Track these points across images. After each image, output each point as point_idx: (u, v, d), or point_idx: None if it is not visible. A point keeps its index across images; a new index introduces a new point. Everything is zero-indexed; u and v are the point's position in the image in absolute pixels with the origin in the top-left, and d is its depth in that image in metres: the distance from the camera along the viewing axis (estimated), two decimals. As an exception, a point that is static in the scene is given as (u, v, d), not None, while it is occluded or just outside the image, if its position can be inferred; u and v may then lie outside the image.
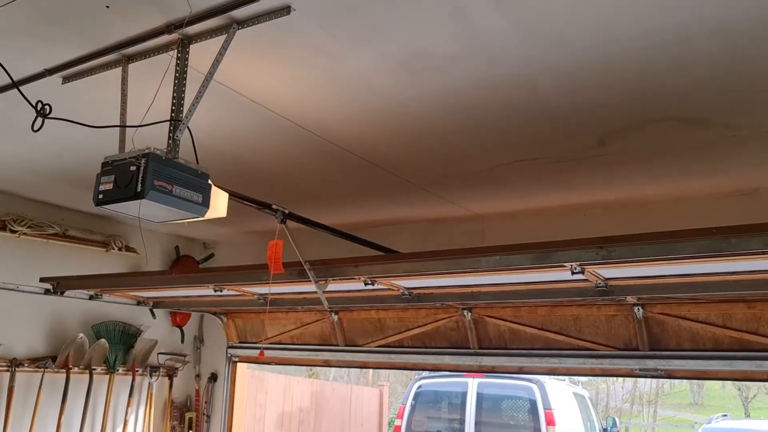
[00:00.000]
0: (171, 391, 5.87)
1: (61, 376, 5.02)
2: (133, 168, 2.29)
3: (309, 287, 3.80)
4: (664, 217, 4.22)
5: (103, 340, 5.20)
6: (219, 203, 2.68)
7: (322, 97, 2.96)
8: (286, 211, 3.21)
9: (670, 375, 4.06)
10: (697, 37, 2.31)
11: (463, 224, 4.97)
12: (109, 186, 2.33)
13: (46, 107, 2.58)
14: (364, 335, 5.26)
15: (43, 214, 5.04)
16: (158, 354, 5.78)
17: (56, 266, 5.11)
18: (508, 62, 2.54)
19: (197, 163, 2.52)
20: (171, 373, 5.89)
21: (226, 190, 2.73)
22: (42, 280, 4.87)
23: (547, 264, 3.00)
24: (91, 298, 5.25)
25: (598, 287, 3.44)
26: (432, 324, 4.89)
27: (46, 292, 5.01)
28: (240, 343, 6.04)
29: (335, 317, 5.31)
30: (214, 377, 6.11)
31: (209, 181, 2.53)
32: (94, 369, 5.21)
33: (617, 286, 3.48)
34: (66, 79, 2.84)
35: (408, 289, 4.01)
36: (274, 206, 3.23)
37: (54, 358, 5.01)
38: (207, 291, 4.61)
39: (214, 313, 5.93)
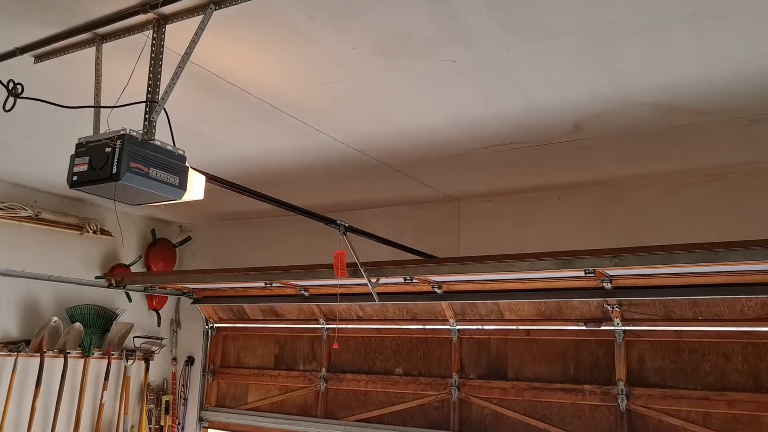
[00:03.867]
0: (147, 375, 5.85)
1: (35, 360, 4.97)
2: (108, 149, 2.26)
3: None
4: (637, 200, 4.30)
5: (78, 323, 5.16)
6: (196, 186, 2.67)
7: (299, 80, 2.95)
8: (347, 225, 3.80)
9: None
10: (669, 23, 2.35)
11: (440, 207, 5.01)
12: (84, 167, 2.30)
13: (18, 86, 2.53)
14: (346, 408, 5.24)
15: (15, 197, 4.96)
16: (134, 337, 5.75)
17: (30, 250, 5.05)
18: (485, 46, 2.56)
19: (174, 145, 2.50)
20: (147, 357, 5.87)
21: (203, 173, 2.72)
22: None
23: (569, 268, 3.63)
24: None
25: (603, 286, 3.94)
26: (417, 401, 4.91)
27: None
28: (217, 406, 5.94)
29: (323, 386, 5.34)
30: (191, 360, 6.10)
31: (186, 164, 2.52)
32: (69, 352, 5.17)
33: (619, 286, 3.97)
34: (38, 59, 2.79)
35: (439, 282, 4.49)
36: (338, 221, 3.78)
37: (28, 342, 4.96)
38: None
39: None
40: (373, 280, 4.11)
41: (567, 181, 4.41)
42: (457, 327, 4.78)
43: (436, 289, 4.60)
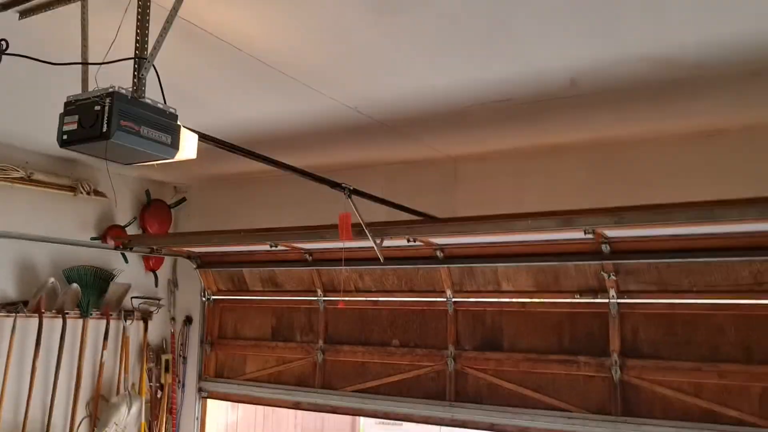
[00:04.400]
0: (146, 334, 5.91)
1: (34, 321, 5.01)
2: (97, 108, 2.22)
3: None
4: (633, 158, 4.29)
5: (75, 284, 5.18)
6: (189, 145, 2.64)
7: (292, 37, 2.89)
8: (351, 187, 3.85)
9: None
10: (669, -25, 2.30)
11: (435, 166, 4.98)
12: (73, 126, 2.26)
13: (3, 43, 2.48)
14: (343, 379, 5.28)
15: (7, 158, 4.91)
16: (132, 298, 5.79)
17: (23, 211, 5.02)
18: (481, 1, 2.51)
19: (164, 103, 2.47)
20: (145, 317, 5.91)
21: (195, 132, 2.68)
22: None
23: (570, 227, 3.68)
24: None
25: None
26: (413, 372, 4.95)
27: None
28: (216, 377, 5.98)
29: (321, 357, 5.37)
30: (189, 320, 6.15)
31: (178, 122, 2.48)
32: (68, 313, 5.21)
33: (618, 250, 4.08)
34: (23, 14, 2.72)
35: (442, 246, 4.61)
36: (343, 184, 3.83)
37: (26, 303, 4.98)
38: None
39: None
40: (378, 240, 4.18)
41: (563, 140, 4.38)
42: (454, 299, 4.81)
43: (438, 252, 4.64)
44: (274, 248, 5.06)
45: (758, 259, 3.81)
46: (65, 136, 2.29)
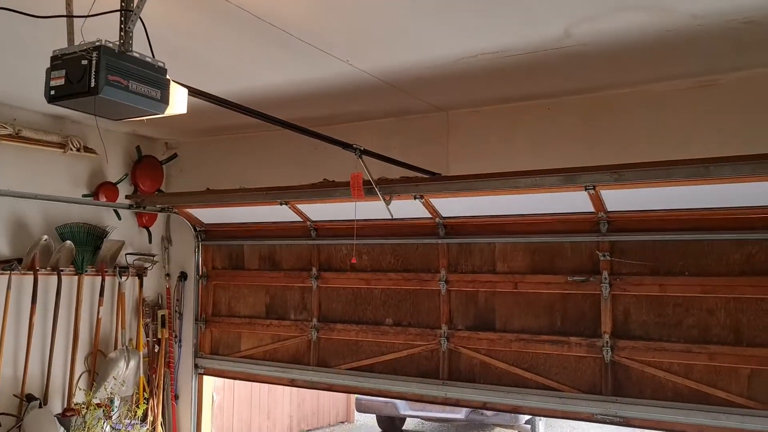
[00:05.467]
0: (142, 290, 5.95)
1: (29, 279, 5.03)
2: (84, 62, 2.19)
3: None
4: (626, 109, 4.27)
5: (68, 241, 5.18)
6: (179, 99, 2.61)
7: (280, -14, 2.83)
8: (362, 148, 3.99)
9: (627, 422, 4.18)
10: None
11: (427, 119, 4.95)
12: (61, 81, 2.23)
13: (-16, -4, 2.41)
14: (337, 356, 5.31)
15: (-6, 115, 4.85)
16: (126, 254, 5.81)
17: (12, 169, 4.98)
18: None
19: (152, 57, 2.43)
20: (140, 273, 5.95)
21: (185, 86, 2.65)
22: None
23: (571, 184, 3.85)
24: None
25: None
26: (407, 351, 4.98)
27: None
28: (211, 354, 6.01)
29: (315, 335, 5.39)
30: (183, 276, 6.19)
31: (167, 76, 2.45)
32: (62, 270, 5.22)
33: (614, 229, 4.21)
34: (3, -34, 2.65)
35: (444, 219, 4.74)
36: (354, 145, 3.96)
37: (20, 261, 4.99)
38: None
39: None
40: (387, 198, 4.33)
41: (556, 91, 4.35)
42: (447, 279, 4.84)
43: (439, 230, 4.79)
44: (277, 221, 5.12)
45: (751, 238, 3.86)
46: (53, 92, 2.27)
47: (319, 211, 5.26)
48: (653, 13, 3.01)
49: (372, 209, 4.59)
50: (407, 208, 4.67)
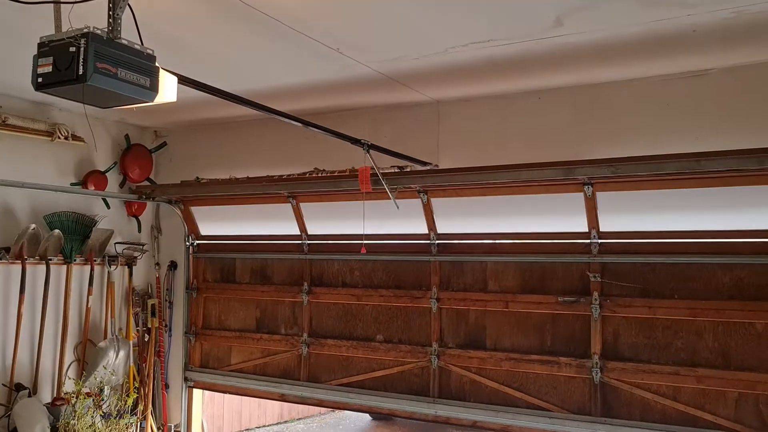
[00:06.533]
0: (131, 280, 5.92)
1: (17, 267, 4.99)
2: (72, 49, 2.16)
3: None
4: (616, 99, 4.28)
5: (57, 230, 5.14)
6: (168, 88, 2.59)
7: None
8: (369, 143, 4.14)
9: None
10: None
11: (418, 109, 4.95)
12: (48, 68, 2.21)
13: (-30, -18, 2.38)
14: (328, 372, 5.32)
15: (-20, 102, 4.79)
16: (115, 243, 5.77)
17: None
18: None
19: (141, 44, 2.40)
20: (130, 262, 5.92)
21: (175, 74, 2.63)
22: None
23: (570, 177, 4.01)
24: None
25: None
26: (397, 368, 5.00)
27: None
28: (201, 367, 6.00)
29: (305, 350, 5.39)
30: (173, 265, 6.17)
31: (156, 64, 2.43)
32: (51, 259, 5.19)
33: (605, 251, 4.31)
34: (-11, -49, 2.61)
35: (438, 234, 4.89)
36: (362, 140, 4.09)
37: (7, 250, 4.95)
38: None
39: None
40: (393, 189, 4.48)
41: (547, 82, 4.35)
42: (438, 296, 4.86)
43: (432, 236, 4.84)
44: (272, 234, 5.29)
45: (740, 262, 3.91)
46: (40, 79, 2.24)
47: (320, 213, 5.31)
48: (643, 2, 3.01)
49: (366, 225, 4.68)
50: (405, 216, 4.77)
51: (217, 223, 5.98)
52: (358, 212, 4.76)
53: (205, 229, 6.04)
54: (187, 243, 6.06)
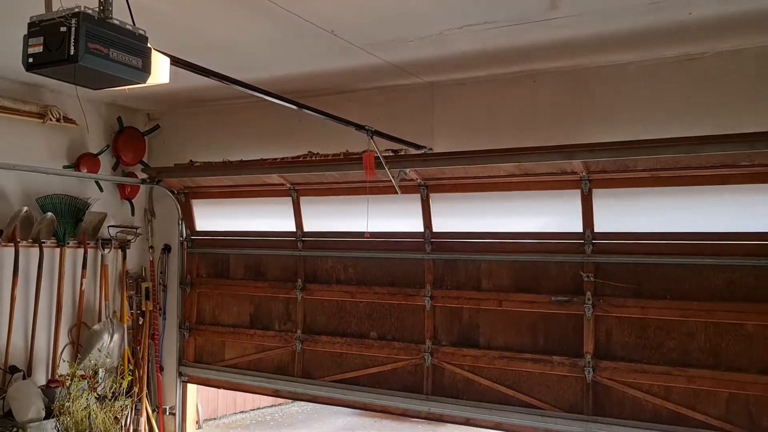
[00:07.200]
0: (125, 263, 5.92)
1: (10, 250, 4.98)
2: (63, 29, 2.14)
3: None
4: (611, 82, 4.27)
5: (50, 213, 5.12)
6: (161, 69, 2.57)
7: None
8: (373, 129, 4.17)
9: None
10: None
11: (413, 92, 4.93)
12: (39, 49, 2.18)
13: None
14: (322, 368, 5.32)
15: (-30, 84, 4.74)
16: (109, 227, 5.76)
17: (-9, 139, 4.90)
18: None
19: (133, 24, 2.38)
20: (123, 246, 5.91)
21: (167, 55, 2.61)
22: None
23: (571, 160, 4.05)
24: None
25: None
26: (391, 365, 5.00)
27: None
28: (195, 362, 6.00)
29: (299, 346, 5.38)
30: (167, 248, 6.16)
31: (149, 45, 2.41)
32: (44, 242, 5.18)
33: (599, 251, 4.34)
34: (-23, -71, 2.56)
35: (433, 233, 4.89)
36: (366, 127, 4.11)
37: (0, 232, 4.93)
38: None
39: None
40: (396, 174, 4.52)
41: (541, 66, 4.34)
42: (432, 294, 4.88)
43: (426, 234, 4.87)
44: (266, 230, 5.28)
45: (732, 264, 3.94)
46: (31, 59, 2.22)
47: (318, 209, 5.33)
48: (639, -15, 3.01)
49: (361, 222, 4.71)
50: (401, 214, 4.84)
51: (214, 218, 5.98)
52: (354, 210, 4.80)
53: (201, 224, 6.03)
54: (182, 238, 6.05)
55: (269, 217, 5.67)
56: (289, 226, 5.51)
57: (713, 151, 3.63)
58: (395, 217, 5.01)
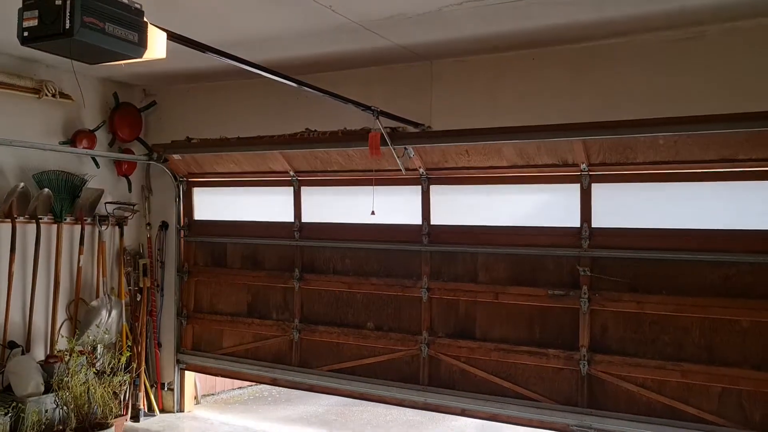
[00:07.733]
0: (123, 240, 5.92)
1: (7, 226, 4.97)
2: (58, 2, 2.11)
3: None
4: (612, 59, 4.23)
5: (46, 189, 5.11)
6: (157, 43, 2.54)
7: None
8: (379, 109, 4.19)
9: None
10: None
11: (412, 68, 4.89)
12: (34, 22, 2.16)
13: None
14: (319, 358, 5.34)
15: (-36, 58, 4.69)
16: (106, 203, 5.74)
17: (-14, 114, 4.86)
18: None
19: (129, -2, 2.35)
20: (121, 222, 5.90)
21: (164, 30, 2.58)
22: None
23: (577, 138, 4.10)
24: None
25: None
26: (388, 356, 5.02)
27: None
28: (193, 350, 6.02)
29: (297, 335, 5.39)
30: (165, 225, 6.16)
31: (145, 19, 2.38)
32: (41, 218, 5.17)
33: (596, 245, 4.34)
34: None
35: (431, 226, 4.90)
36: (372, 107, 4.12)
37: (-3, 208, 4.93)
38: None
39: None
40: (401, 153, 4.60)
41: (543, 41, 4.30)
42: (429, 286, 4.90)
43: (424, 226, 4.88)
44: (262, 220, 5.35)
45: (727, 260, 3.96)
46: (26, 33, 2.20)
47: (318, 198, 5.35)
48: (641, -39, 2.97)
49: (360, 213, 4.74)
50: (399, 206, 4.86)
51: (214, 208, 6.00)
52: (354, 201, 4.84)
53: (199, 214, 6.05)
54: (179, 225, 6.06)
55: (269, 206, 5.69)
56: (288, 216, 5.52)
57: (717, 129, 3.63)
58: (394, 211, 5.03)
